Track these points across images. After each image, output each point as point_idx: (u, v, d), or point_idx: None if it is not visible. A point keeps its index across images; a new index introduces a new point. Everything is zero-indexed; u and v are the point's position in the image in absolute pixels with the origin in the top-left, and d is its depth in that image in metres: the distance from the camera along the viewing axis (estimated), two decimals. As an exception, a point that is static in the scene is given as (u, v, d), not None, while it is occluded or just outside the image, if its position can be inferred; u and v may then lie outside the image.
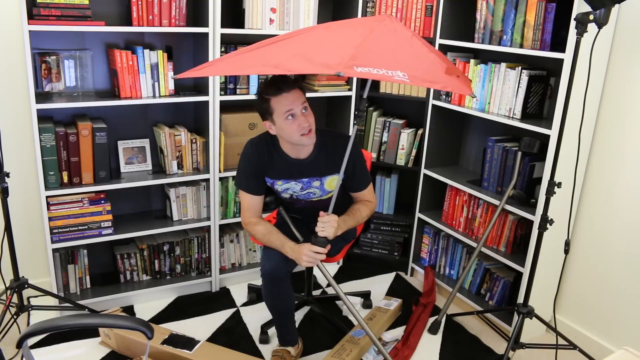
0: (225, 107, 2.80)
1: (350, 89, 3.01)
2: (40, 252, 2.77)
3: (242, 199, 2.25)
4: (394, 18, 1.98)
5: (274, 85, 2.00)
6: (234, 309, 2.79)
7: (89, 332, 2.48)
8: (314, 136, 2.08)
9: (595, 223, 2.51)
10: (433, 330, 2.66)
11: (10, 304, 2.33)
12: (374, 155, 3.14)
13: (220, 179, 2.81)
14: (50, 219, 2.45)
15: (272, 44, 1.85)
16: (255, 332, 2.59)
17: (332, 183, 2.23)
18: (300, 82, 2.08)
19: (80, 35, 2.55)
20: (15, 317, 2.34)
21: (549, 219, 2.25)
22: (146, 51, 2.50)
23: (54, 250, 2.55)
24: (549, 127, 2.32)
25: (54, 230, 2.48)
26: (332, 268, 3.26)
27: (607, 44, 2.33)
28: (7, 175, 2.24)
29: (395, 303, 2.80)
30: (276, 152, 2.18)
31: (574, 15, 2.09)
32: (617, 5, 2.25)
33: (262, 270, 2.18)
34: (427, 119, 2.94)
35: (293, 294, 2.29)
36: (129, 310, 2.73)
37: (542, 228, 2.27)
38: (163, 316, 2.70)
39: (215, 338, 2.53)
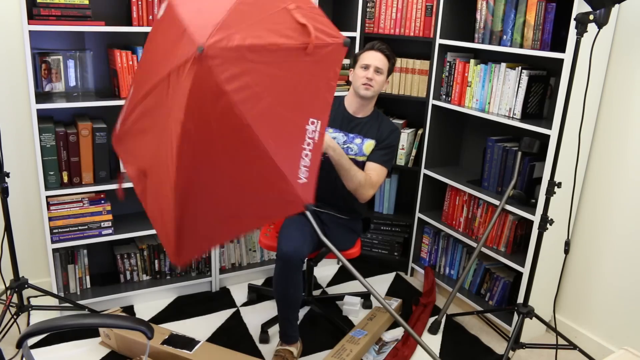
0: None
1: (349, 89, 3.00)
2: (40, 252, 2.77)
3: None
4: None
5: (371, 45, 2.40)
6: (234, 309, 2.79)
7: (89, 332, 2.48)
8: (370, 93, 2.37)
9: (595, 223, 2.51)
10: (433, 330, 2.66)
11: (10, 304, 2.33)
12: (374, 155, 3.14)
13: (220, 179, 2.81)
14: (50, 219, 2.45)
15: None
16: (255, 332, 2.59)
17: (369, 147, 2.42)
18: (391, 55, 2.40)
19: (80, 35, 2.55)
20: (15, 317, 2.34)
21: (549, 219, 2.25)
22: (146, 51, 2.50)
23: (54, 250, 2.55)
24: (549, 127, 2.32)
25: (54, 230, 2.48)
26: (332, 268, 3.27)
27: (607, 44, 2.33)
28: (7, 175, 2.24)
29: (395, 303, 2.80)
30: (336, 106, 2.47)
31: (574, 15, 2.09)
32: (617, 5, 2.25)
33: (280, 252, 2.19)
34: (427, 119, 2.94)
35: (302, 287, 2.30)
36: (129, 310, 2.73)
37: (542, 228, 2.27)
38: (163, 316, 2.70)
39: (215, 338, 2.53)
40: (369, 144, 2.42)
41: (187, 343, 2.29)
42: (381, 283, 3.12)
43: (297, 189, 1.39)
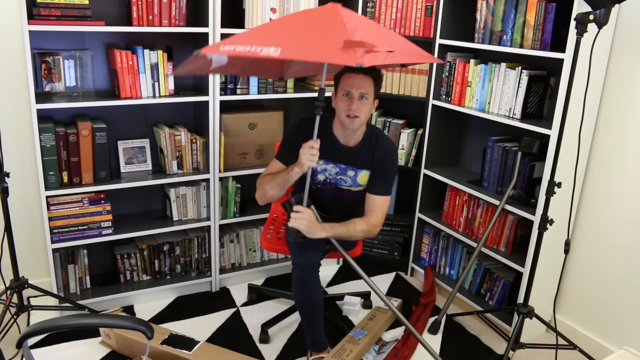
0: (225, 107, 2.80)
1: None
2: (40, 252, 2.77)
3: (270, 165, 2.37)
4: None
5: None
6: (234, 309, 2.79)
7: (89, 332, 2.48)
8: (357, 124, 2.17)
9: (595, 223, 2.51)
10: (433, 330, 2.66)
11: (10, 304, 2.33)
12: (374, 155, 3.14)
13: (220, 179, 2.81)
14: (50, 219, 2.45)
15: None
16: (255, 332, 2.59)
17: (364, 178, 2.31)
18: (377, 75, 2.16)
19: (80, 35, 2.55)
20: (15, 317, 2.34)
21: (549, 219, 2.25)
22: (146, 51, 2.50)
23: (54, 250, 2.55)
24: (549, 127, 2.32)
25: (54, 230, 2.48)
26: (332, 268, 3.27)
27: (607, 44, 2.33)
28: (7, 175, 2.24)
29: (395, 303, 2.80)
30: (326, 133, 2.27)
31: (574, 15, 2.09)
32: (617, 5, 2.25)
33: (294, 262, 2.21)
34: (427, 119, 2.94)
35: (321, 291, 2.30)
36: (129, 310, 2.73)
37: (542, 228, 2.27)
38: (163, 316, 2.70)
39: (215, 338, 2.53)
40: (363, 175, 2.30)
41: (187, 343, 2.29)
42: (381, 283, 3.12)
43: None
